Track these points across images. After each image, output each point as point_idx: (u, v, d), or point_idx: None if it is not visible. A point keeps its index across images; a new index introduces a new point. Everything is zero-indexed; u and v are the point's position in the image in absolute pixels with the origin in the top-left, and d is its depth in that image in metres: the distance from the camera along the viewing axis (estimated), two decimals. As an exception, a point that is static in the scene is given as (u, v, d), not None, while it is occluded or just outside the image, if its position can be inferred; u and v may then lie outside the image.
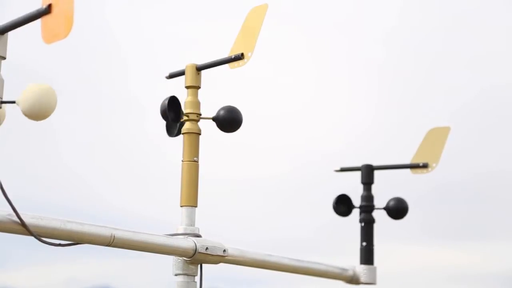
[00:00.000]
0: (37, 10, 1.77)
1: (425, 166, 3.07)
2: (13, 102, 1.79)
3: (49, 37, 1.75)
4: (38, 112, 1.77)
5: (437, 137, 3.11)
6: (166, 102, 2.29)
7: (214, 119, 2.39)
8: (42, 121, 1.78)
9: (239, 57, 2.37)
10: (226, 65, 2.41)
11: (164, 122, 2.37)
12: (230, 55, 2.39)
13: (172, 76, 2.48)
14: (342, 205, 3.06)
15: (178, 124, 2.36)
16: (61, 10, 1.73)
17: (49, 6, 1.75)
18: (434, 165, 3.06)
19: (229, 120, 2.39)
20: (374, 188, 3.07)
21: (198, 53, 2.61)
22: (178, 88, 2.41)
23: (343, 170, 3.14)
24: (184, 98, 2.39)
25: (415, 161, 3.08)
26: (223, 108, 2.40)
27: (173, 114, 2.31)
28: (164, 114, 2.30)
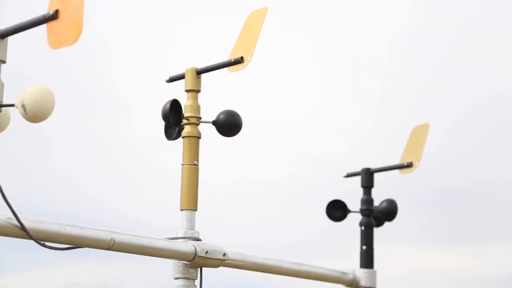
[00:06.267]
0: (43, 15, 1.73)
1: (409, 165, 3.06)
2: (12, 105, 1.77)
3: (56, 43, 1.71)
4: (38, 114, 1.76)
5: (418, 135, 3.10)
6: (168, 105, 2.28)
7: (214, 123, 2.39)
8: (40, 122, 1.77)
9: (239, 61, 2.37)
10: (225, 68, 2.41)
11: (163, 125, 2.36)
12: (230, 58, 2.39)
13: (172, 80, 2.47)
14: (336, 210, 3.05)
15: (177, 128, 2.36)
16: (70, 16, 1.69)
17: (57, 11, 1.72)
18: (417, 163, 3.05)
19: (229, 125, 2.39)
20: (375, 191, 3.07)
21: (197, 56, 2.61)
22: (178, 92, 2.41)
23: (349, 176, 3.14)
24: (183, 101, 2.38)
25: (402, 161, 3.08)
26: (223, 112, 2.40)
27: (174, 118, 2.30)
28: (166, 117, 2.29)
